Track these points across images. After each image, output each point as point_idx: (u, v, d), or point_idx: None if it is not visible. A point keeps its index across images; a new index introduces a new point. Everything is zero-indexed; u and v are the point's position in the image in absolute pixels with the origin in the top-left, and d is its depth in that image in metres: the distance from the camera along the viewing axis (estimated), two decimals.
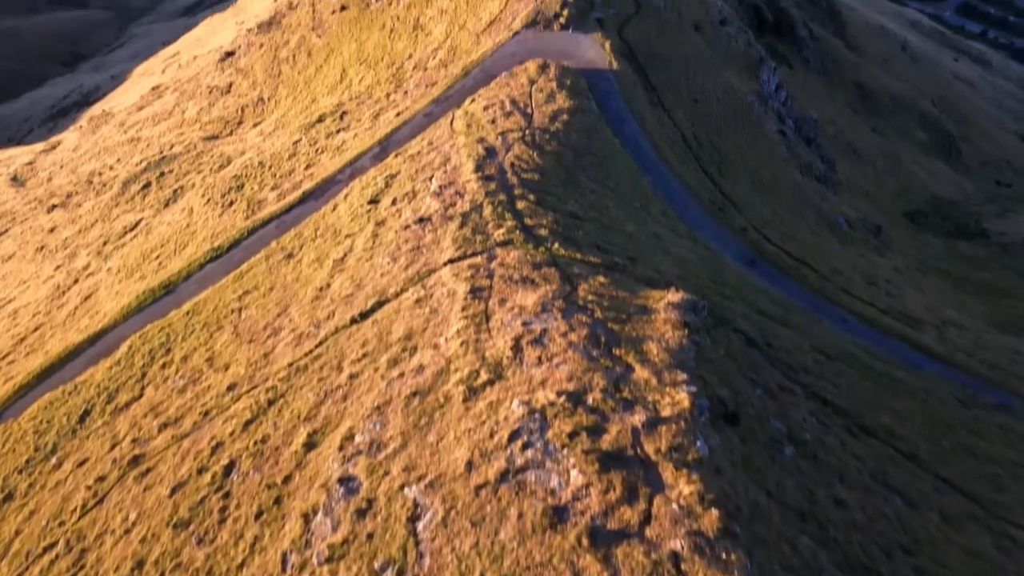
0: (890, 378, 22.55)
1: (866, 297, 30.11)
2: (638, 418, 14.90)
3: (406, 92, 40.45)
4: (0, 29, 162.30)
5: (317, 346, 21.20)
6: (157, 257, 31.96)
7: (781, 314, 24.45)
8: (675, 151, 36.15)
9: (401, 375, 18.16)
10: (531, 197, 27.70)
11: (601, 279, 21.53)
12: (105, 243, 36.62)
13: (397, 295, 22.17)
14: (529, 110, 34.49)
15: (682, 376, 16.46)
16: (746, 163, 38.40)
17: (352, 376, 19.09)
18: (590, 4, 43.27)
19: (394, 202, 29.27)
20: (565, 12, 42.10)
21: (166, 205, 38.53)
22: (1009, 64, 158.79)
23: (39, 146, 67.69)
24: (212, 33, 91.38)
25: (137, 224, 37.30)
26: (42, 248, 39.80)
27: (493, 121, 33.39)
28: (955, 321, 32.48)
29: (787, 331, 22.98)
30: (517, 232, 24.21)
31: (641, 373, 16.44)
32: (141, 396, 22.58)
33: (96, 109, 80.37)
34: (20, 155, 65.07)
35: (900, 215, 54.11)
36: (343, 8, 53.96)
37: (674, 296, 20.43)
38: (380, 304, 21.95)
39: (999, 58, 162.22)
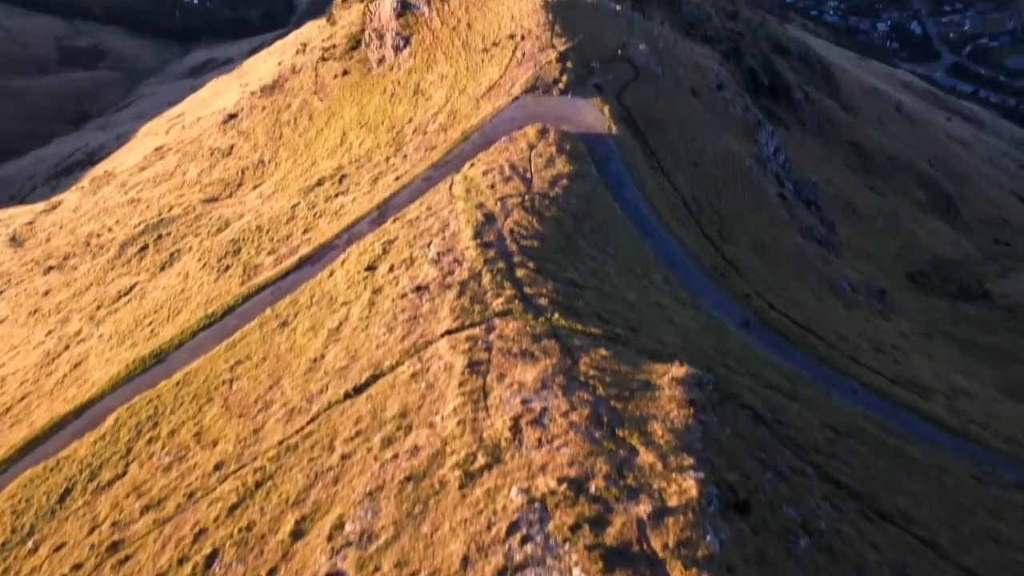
0: (904, 455, 21.70)
1: (874, 366, 29.43)
2: (644, 508, 14.09)
3: (405, 156, 40.57)
4: (11, 90, 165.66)
5: (309, 422, 20.44)
6: (150, 323, 31.40)
7: (789, 387, 23.74)
8: (675, 215, 35.99)
9: (395, 456, 17.37)
10: (530, 265, 27.30)
11: (603, 352, 20.91)
12: (99, 308, 36.13)
13: (392, 368, 21.51)
14: (528, 175, 34.45)
15: (689, 460, 15.69)
16: (747, 227, 38.22)
17: (344, 457, 18.28)
18: (588, 70, 43.81)
19: (391, 269, 28.87)
20: (564, 78, 42.57)
21: (162, 269, 38.20)
22: (1001, 123, 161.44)
23: (40, 206, 67.93)
24: (216, 95, 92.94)
25: (132, 288, 36.88)
26: (35, 312, 39.29)
27: (492, 186, 33.29)
28: (965, 389, 31.72)
29: (796, 405, 22.24)
30: (516, 302, 23.70)
31: (646, 457, 15.67)
32: (125, 474, 21.70)
33: (99, 169, 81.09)
34: (21, 215, 65.18)
35: (902, 276, 53.80)
36: (345, 73, 54.84)
37: (678, 371, 19.77)
38: (375, 378, 21.27)
39: (991, 117, 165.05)
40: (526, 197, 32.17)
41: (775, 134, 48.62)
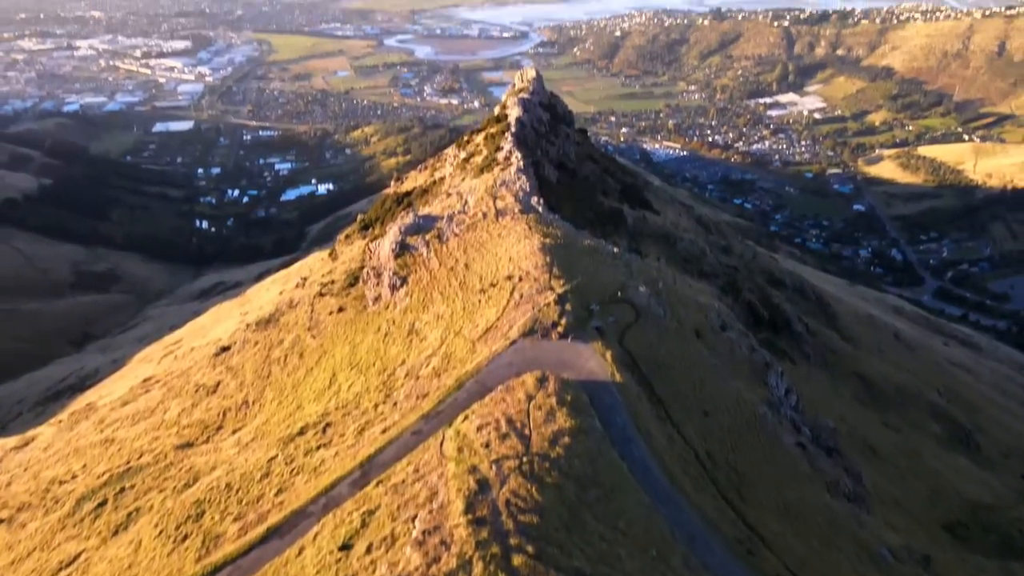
0: None
1: None
2: None
3: (396, 404, 38.05)
4: (22, 313, 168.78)
5: None
6: None
7: None
8: (689, 475, 32.55)
9: None
10: (529, 549, 23.49)
11: None
12: None
13: None
14: (527, 431, 31.60)
15: None
16: (768, 484, 34.59)
17: None
18: (588, 313, 42.80)
19: (369, 550, 24.93)
20: (563, 321, 41.38)
21: (115, 532, 33.89)
22: (997, 346, 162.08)
23: (12, 441, 64.42)
24: (216, 322, 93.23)
25: (76, 558, 32.34)
26: None
27: (487, 445, 30.29)
28: None
29: None
30: None
31: None
32: None
33: (83, 399, 78.56)
34: None
35: (938, 528, 48.89)
36: (341, 310, 54.35)
37: None
38: None
39: (986, 340, 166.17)
40: (524, 459, 29.02)
41: (785, 375, 46.59)
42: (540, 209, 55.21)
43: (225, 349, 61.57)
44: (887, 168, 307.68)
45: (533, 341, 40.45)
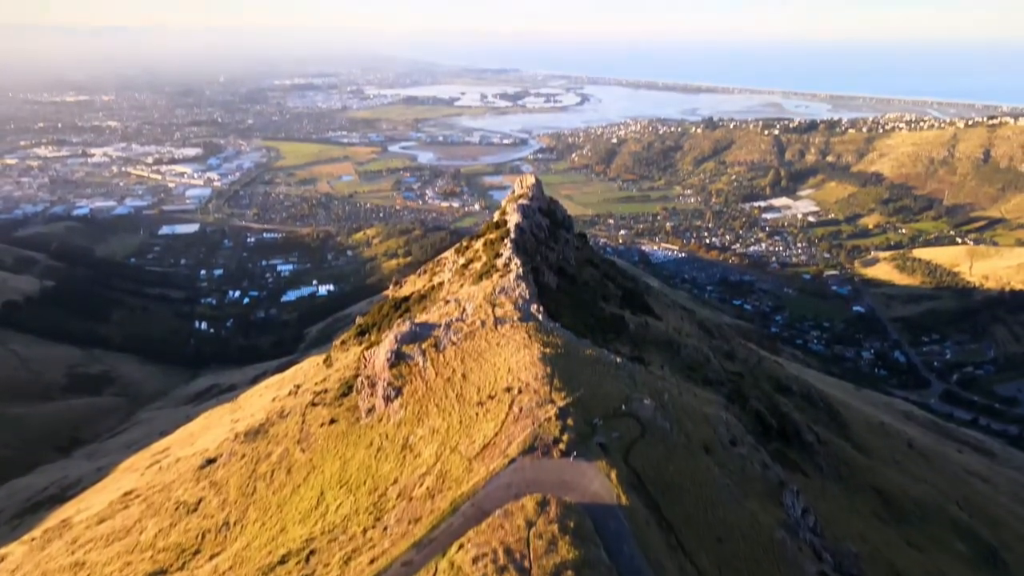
0: None
1: None
2: None
3: (386, 528, 35.35)
4: (8, 417, 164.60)
5: None
6: None
7: None
8: None
9: None
10: None
11: None
12: None
13: None
14: (527, 563, 28.96)
15: None
16: None
17: None
18: (591, 428, 40.71)
19: None
20: (565, 437, 39.23)
21: None
22: (1011, 453, 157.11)
23: None
24: (206, 429, 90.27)
25: None
26: None
27: None
28: None
29: None
30: None
31: None
32: None
33: (61, 514, 74.64)
34: None
35: None
36: (332, 421, 52.10)
37: None
38: None
39: (998, 446, 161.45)
40: None
41: (800, 494, 43.85)
42: (540, 317, 54.02)
43: (211, 461, 58.82)
44: (884, 270, 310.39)
45: (533, 459, 38.17)
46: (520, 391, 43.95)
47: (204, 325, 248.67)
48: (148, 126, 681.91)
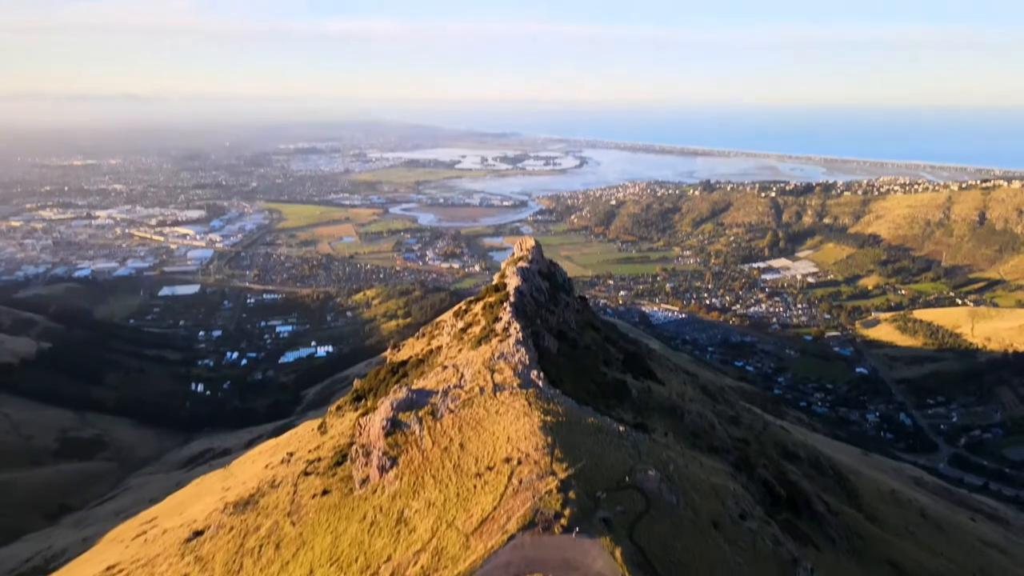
0: None
1: None
2: None
3: None
4: None
5: None
6: None
7: None
8: None
9: None
10: None
11: None
12: None
13: None
14: None
15: None
16: None
17: None
18: (594, 501, 38.94)
19: None
20: (567, 511, 37.45)
21: None
22: None
23: None
24: (196, 498, 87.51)
25: None
26: None
27: None
28: None
29: None
30: None
31: None
32: None
33: None
34: None
35: None
36: (325, 492, 50.15)
37: None
38: None
39: (1012, 514, 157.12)
40: None
41: (815, 572, 41.67)
42: (540, 383, 52.67)
43: (198, 534, 56.47)
44: (885, 331, 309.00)
45: (534, 535, 36.32)
46: (520, 462, 42.32)
47: (200, 387, 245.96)
48: (153, 189, 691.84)
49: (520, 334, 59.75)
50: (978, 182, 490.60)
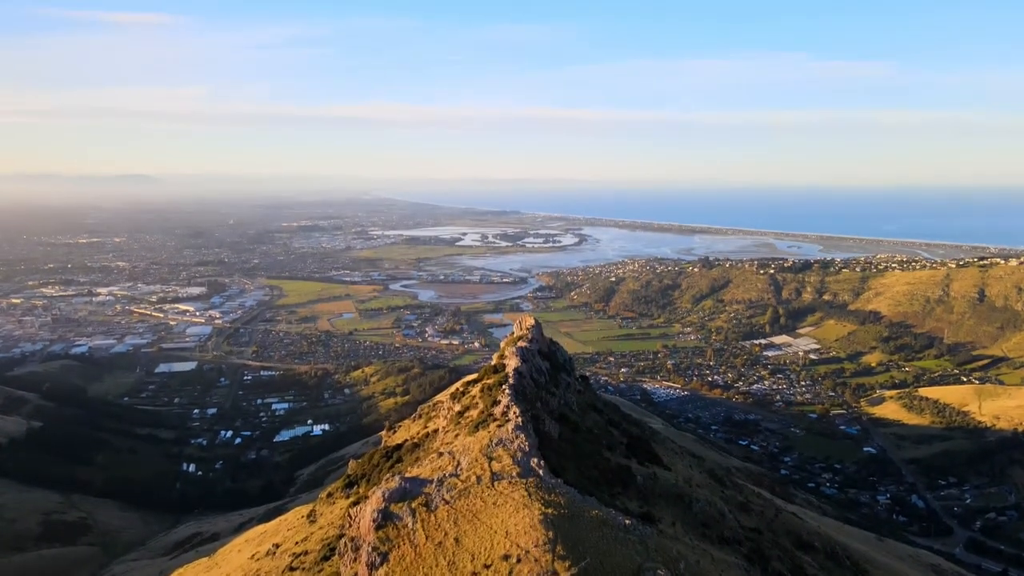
0: None
1: None
2: None
3: None
4: None
5: None
6: None
7: None
8: None
9: None
10: None
11: None
12: None
13: None
14: None
15: None
16: None
17: None
18: None
19: None
20: None
21: None
22: None
23: None
24: None
25: None
26: None
27: None
28: None
29: None
30: None
31: None
32: None
33: None
34: None
35: None
36: None
37: None
38: None
39: None
40: None
41: None
42: (540, 472, 50.16)
43: None
44: (891, 409, 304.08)
45: None
46: (519, 559, 39.56)
47: (192, 467, 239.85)
48: (156, 266, 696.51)
49: (519, 419, 57.54)
50: (975, 260, 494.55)
